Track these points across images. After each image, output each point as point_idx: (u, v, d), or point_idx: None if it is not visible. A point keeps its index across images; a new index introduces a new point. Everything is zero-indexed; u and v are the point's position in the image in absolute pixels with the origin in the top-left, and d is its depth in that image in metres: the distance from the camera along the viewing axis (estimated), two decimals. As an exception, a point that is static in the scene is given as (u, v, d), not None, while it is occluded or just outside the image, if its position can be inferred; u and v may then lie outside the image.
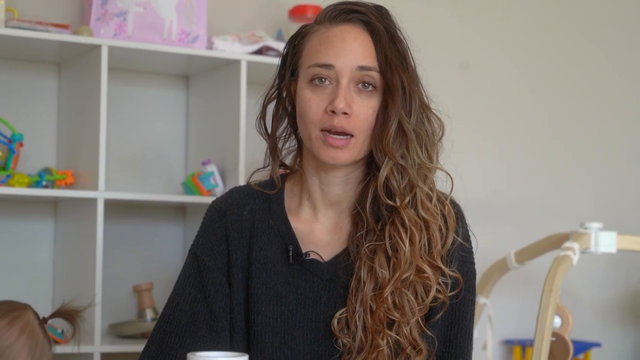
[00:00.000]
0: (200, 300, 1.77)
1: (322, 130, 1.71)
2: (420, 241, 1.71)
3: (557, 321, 2.83)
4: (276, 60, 3.04)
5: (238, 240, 1.79)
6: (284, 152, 1.86)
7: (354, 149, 1.72)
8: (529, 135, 3.91)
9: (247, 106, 3.04)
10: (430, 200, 1.73)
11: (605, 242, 2.93)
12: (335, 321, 1.73)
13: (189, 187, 3.06)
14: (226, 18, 3.33)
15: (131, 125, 3.24)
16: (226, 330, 1.77)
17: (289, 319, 1.76)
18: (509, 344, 3.77)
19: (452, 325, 1.77)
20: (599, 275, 3.99)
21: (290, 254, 1.77)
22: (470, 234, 1.82)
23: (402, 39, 1.75)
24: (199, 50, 3.03)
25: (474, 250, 1.83)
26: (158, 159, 3.27)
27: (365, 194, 1.75)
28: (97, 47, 2.87)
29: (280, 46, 3.14)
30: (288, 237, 1.79)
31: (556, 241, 2.98)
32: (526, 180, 3.90)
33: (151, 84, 3.27)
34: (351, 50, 1.71)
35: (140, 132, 3.26)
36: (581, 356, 3.75)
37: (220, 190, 3.06)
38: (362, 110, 1.70)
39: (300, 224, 1.81)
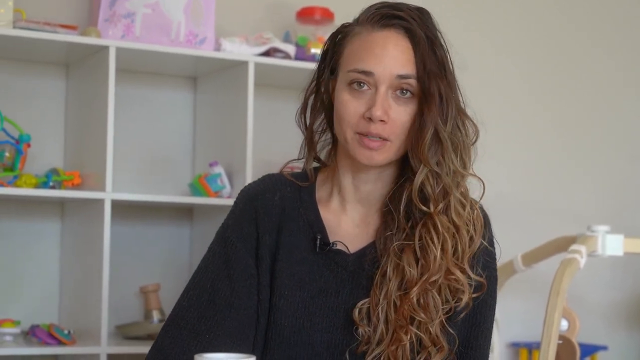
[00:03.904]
0: (223, 279, 1.78)
1: (357, 133, 1.73)
2: (451, 247, 1.74)
3: (564, 324, 2.83)
4: (283, 62, 3.10)
5: (267, 223, 1.81)
6: (318, 146, 1.88)
7: (390, 152, 1.74)
8: (534, 138, 3.91)
9: (254, 107, 3.04)
10: (463, 207, 1.76)
11: (612, 245, 2.94)
12: (356, 311, 1.76)
13: (196, 188, 3.06)
14: (234, 20, 3.33)
15: (138, 126, 3.24)
16: (248, 310, 1.77)
17: (310, 305, 1.78)
18: (515, 346, 3.77)
19: (472, 327, 1.80)
20: (605, 278, 3.99)
21: (318, 243, 1.80)
22: (494, 240, 1.85)
23: (442, 44, 1.77)
24: (207, 51, 3.03)
25: (497, 257, 1.86)
26: (165, 160, 3.28)
27: (399, 194, 1.78)
28: (104, 48, 2.87)
29: (288, 48, 3.15)
30: (317, 226, 1.82)
31: (563, 244, 2.98)
32: (532, 183, 3.89)
33: (159, 85, 3.27)
34: (391, 58, 1.72)
35: (147, 133, 3.26)
36: (588, 359, 3.75)
37: (227, 191, 3.06)
38: (399, 117, 1.73)
39: (329, 214, 1.84)
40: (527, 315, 3.71)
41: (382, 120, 1.71)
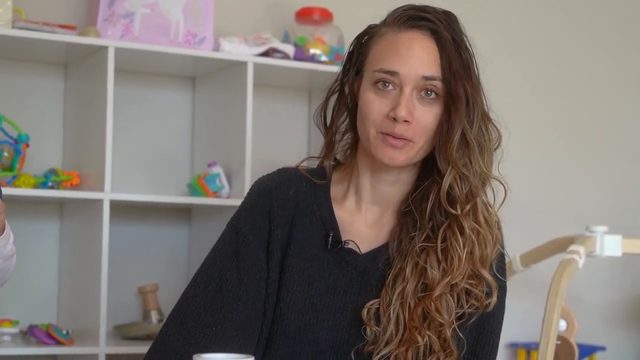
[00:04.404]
0: (232, 270, 1.77)
1: (380, 133, 1.74)
2: (479, 250, 1.74)
3: (563, 324, 2.83)
4: (282, 62, 3.10)
5: (280, 217, 1.80)
6: (339, 146, 1.88)
7: (411, 152, 1.74)
8: (536, 138, 3.91)
9: (253, 108, 3.04)
10: (487, 210, 1.78)
11: (611, 245, 2.93)
12: (365, 310, 1.76)
13: (195, 188, 3.06)
14: (233, 20, 3.33)
15: (137, 126, 3.24)
16: (256, 304, 1.76)
17: (317, 302, 1.78)
18: (513, 347, 3.77)
19: (480, 336, 1.80)
20: (604, 278, 3.99)
21: (330, 240, 1.79)
22: (505, 252, 1.86)
23: (467, 47, 1.78)
24: (206, 51, 3.03)
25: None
26: (164, 161, 3.28)
27: (425, 196, 1.78)
28: (103, 48, 2.87)
29: (287, 48, 3.15)
30: (330, 224, 1.81)
31: (562, 244, 2.98)
32: (533, 183, 3.89)
33: (158, 86, 3.27)
34: (417, 59, 1.73)
35: (146, 133, 3.26)
36: (586, 360, 3.75)
37: (226, 192, 3.06)
38: (423, 118, 1.73)
39: (343, 213, 1.83)
40: (525, 316, 3.70)
41: (406, 121, 1.71)
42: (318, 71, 3.11)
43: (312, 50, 3.19)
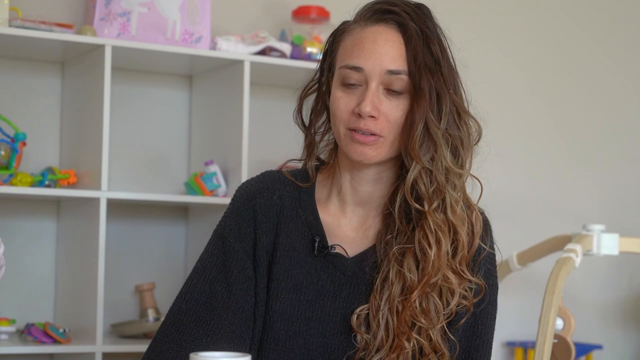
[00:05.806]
0: (220, 281, 1.76)
1: (349, 129, 1.71)
2: (446, 246, 1.71)
3: (559, 323, 2.83)
4: (279, 61, 3.11)
5: (265, 224, 1.79)
6: (321, 146, 1.86)
7: (382, 148, 1.71)
8: (531, 137, 3.91)
9: (250, 106, 3.04)
10: (467, 206, 1.74)
11: (608, 244, 2.94)
12: (354, 317, 1.74)
13: (192, 187, 3.06)
14: (230, 18, 3.33)
15: (134, 125, 3.24)
16: (245, 313, 1.75)
17: (306, 309, 1.76)
18: (510, 345, 3.77)
19: (473, 337, 1.78)
20: (601, 277, 3.99)
21: (316, 245, 1.77)
22: (495, 247, 1.83)
23: (439, 40, 1.74)
24: (203, 50, 3.03)
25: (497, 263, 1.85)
26: (161, 159, 3.28)
27: (396, 195, 1.75)
28: (100, 47, 2.87)
29: (284, 47, 3.15)
30: (315, 228, 1.79)
31: (558, 243, 2.98)
32: (529, 181, 3.90)
33: (154, 84, 3.27)
34: (381, 53, 1.70)
35: (143, 132, 3.26)
36: (583, 358, 3.75)
37: (222, 190, 3.06)
38: (390, 112, 1.70)
39: (328, 216, 1.81)
40: (522, 315, 3.71)
41: (372, 116, 1.69)
42: (315, 70, 3.11)
43: (309, 49, 3.19)
